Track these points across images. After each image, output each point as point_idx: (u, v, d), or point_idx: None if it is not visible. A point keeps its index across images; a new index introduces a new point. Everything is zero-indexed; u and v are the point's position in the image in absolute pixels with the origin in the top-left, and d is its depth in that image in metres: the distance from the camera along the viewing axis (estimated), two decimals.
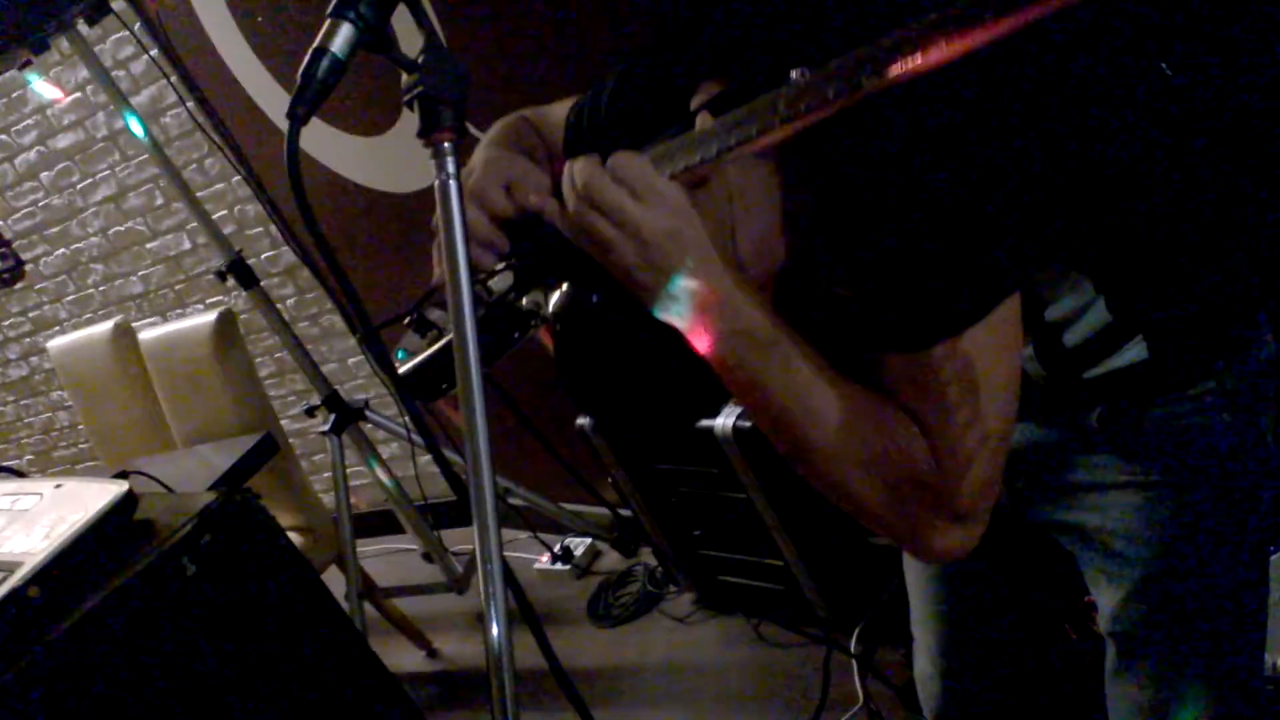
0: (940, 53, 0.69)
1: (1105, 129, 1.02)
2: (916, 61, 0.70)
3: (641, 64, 1.13)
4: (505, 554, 0.87)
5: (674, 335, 0.94)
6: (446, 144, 0.88)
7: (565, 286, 1.06)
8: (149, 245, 3.96)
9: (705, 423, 2.35)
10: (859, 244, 0.89)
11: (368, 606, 3.14)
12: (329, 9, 0.85)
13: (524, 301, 1.10)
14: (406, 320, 1.15)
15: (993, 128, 0.85)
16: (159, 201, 3.81)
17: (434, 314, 1.12)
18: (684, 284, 0.90)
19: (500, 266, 1.09)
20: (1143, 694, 1.26)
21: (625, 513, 2.95)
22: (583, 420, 2.66)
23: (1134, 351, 1.10)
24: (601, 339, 1.10)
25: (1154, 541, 1.17)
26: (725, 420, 2.31)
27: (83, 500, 1.50)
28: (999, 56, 0.71)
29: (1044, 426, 1.20)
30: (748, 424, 2.28)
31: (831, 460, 0.93)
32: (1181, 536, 1.16)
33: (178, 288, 4.05)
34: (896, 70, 0.71)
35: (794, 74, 0.80)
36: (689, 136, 0.91)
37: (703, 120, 0.91)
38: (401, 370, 1.14)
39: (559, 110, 1.27)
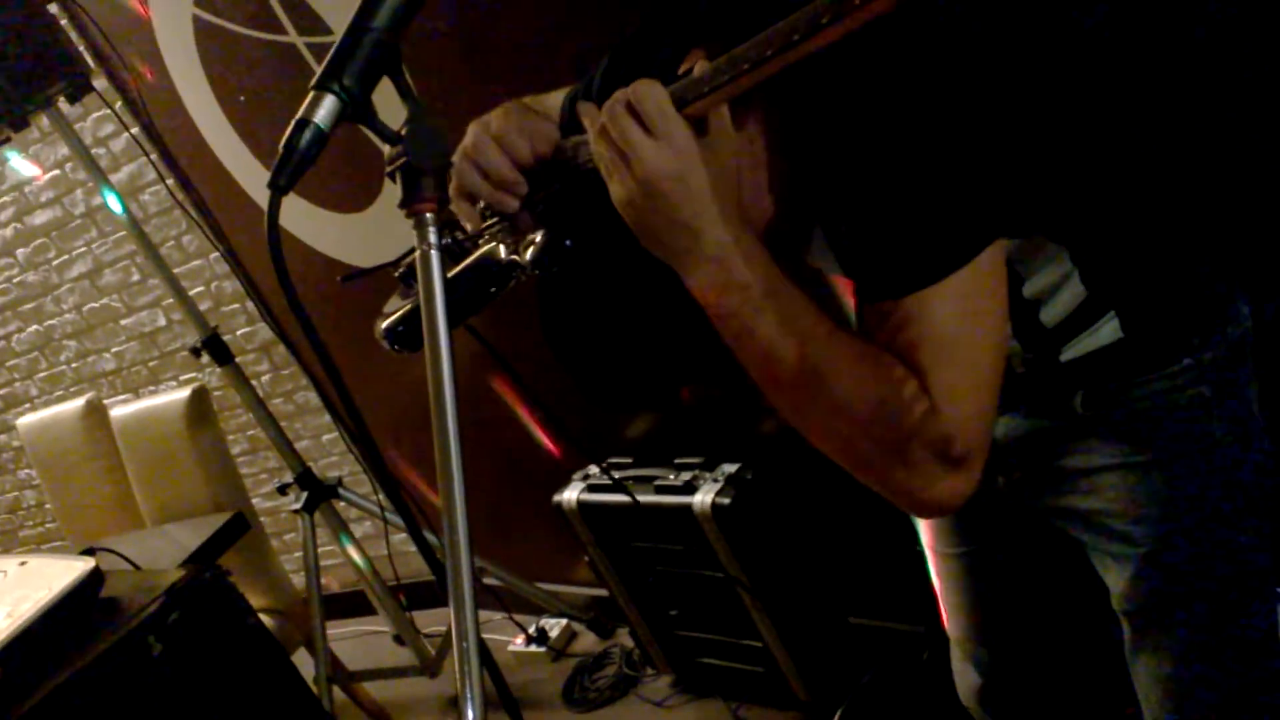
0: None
1: (1077, 86, 1.06)
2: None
3: (632, 40, 1.16)
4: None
5: (658, 286, 0.94)
6: (429, 215, 0.89)
7: (540, 234, 1.05)
8: (123, 321, 3.94)
9: (683, 500, 2.33)
10: (839, 197, 0.91)
11: (337, 690, 3.06)
12: (312, 82, 0.86)
13: (502, 254, 1.09)
14: (397, 273, 1.15)
15: (960, 81, 0.87)
16: (135, 278, 3.80)
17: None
18: (683, 230, 0.91)
19: (491, 224, 1.09)
20: (1161, 669, 1.28)
21: (601, 592, 2.92)
22: (560, 496, 2.64)
23: (1108, 329, 1.13)
24: (580, 285, 1.09)
25: (1151, 519, 1.19)
26: (704, 498, 2.30)
27: (47, 578, 1.47)
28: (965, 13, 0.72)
29: (1031, 416, 1.24)
30: (727, 501, 2.26)
31: (831, 413, 0.93)
32: (1177, 511, 1.18)
33: (151, 364, 4.02)
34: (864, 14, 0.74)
35: None
36: (688, 80, 0.91)
37: (696, 69, 0.92)
38: (385, 324, 1.13)
39: (556, 96, 1.29)
